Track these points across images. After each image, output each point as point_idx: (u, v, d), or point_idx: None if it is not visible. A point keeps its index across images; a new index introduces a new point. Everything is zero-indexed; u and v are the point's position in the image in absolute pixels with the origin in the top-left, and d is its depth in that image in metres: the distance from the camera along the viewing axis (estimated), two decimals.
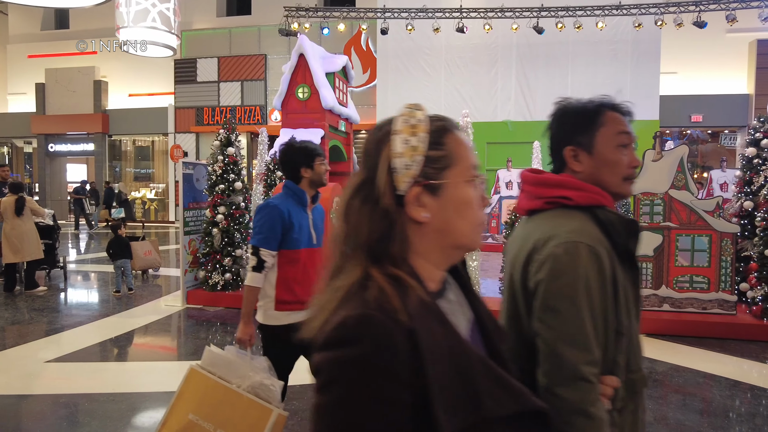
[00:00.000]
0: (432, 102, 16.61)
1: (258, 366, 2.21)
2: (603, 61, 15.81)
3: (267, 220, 2.45)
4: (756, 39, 16.62)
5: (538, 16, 14.87)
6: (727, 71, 17.31)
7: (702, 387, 4.15)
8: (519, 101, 16.26)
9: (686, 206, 5.38)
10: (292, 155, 2.56)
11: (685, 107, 16.98)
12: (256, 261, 2.44)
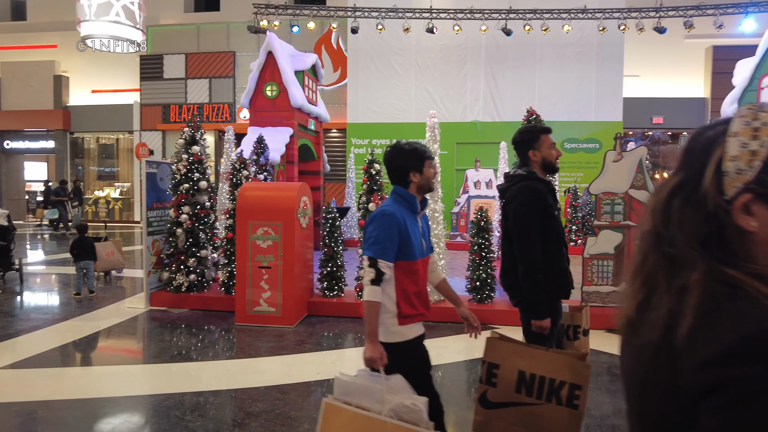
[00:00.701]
0: (402, 102, 16.69)
1: (395, 386, 2.06)
2: (569, 63, 16.16)
3: (385, 228, 2.27)
4: (712, 45, 17.28)
5: (506, 18, 15.10)
6: (685, 75, 17.95)
7: None
8: (487, 102, 16.48)
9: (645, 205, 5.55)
10: (402, 158, 2.39)
11: (647, 109, 17.53)
12: (375, 273, 2.22)
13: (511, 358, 2.39)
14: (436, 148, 6.12)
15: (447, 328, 5.68)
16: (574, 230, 12.25)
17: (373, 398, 2.03)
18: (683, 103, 17.54)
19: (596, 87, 16.04)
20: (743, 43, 15.33)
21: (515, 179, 2.78)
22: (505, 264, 2.82)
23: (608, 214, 5.66)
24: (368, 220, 2.35)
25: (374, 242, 2.26)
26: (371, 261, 2.23)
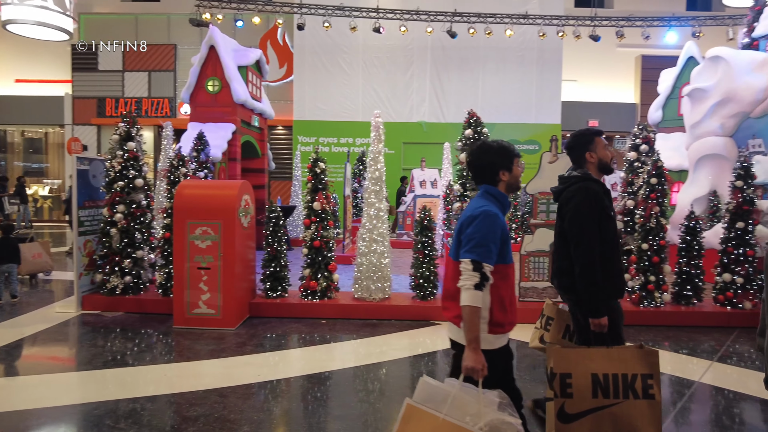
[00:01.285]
0: (350, 100, 16.67)
1: (490, 401, 1.98)
2: (511, 67, 16.71)
3: (489, 230, 2.16)
4: (641, 54, 18.40)
5: (451, 20, 15.41)
6: (618, 81, 19.01)
7: None
8: (433, 103, 16.75)
9: None
10: (491, 156, 2.33)
11: (583, 112, 18.42)
12: (480, 277, 2.10)
13: (582, 364, 2.36)
14: (381, 148, 6.17)
15: (390, 325, 5.76)
16: (514, 228, 12.69)
17: (465, 410, 1.96)
18: (616, 108, 18.57)
19: (536, 90, 16.67)
20: (668, 53, 16.41)
21: (571, 181, 2.82)
22: (561, 265, 2.82)
23: (544, 213, 5.92)
24: (467, 220, 2.23)
25: (477, 244, 2.14)
26: (475, 264, 2.12)
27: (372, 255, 5.98)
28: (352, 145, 16.31)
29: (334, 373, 4.44)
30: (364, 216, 6.10)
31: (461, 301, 2.14)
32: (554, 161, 5.81)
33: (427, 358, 4.79)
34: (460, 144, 6.06)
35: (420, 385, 2.06)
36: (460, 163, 6.07)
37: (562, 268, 2.81)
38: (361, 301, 6.05)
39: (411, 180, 13.01)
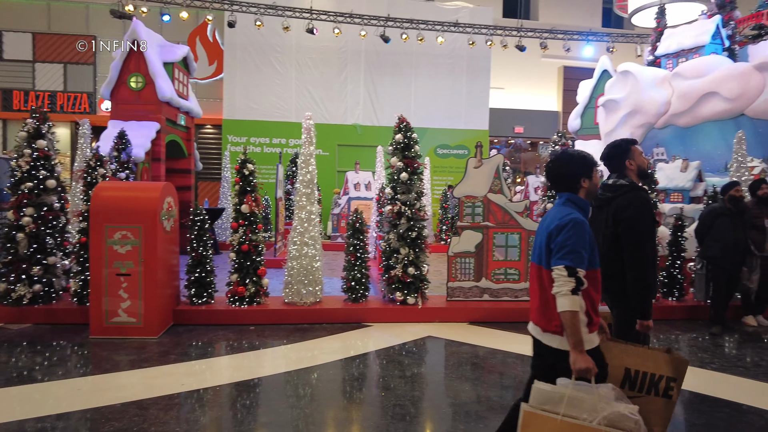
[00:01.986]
0: (283, 101, 16.43)
1: (605, 395, 2.03)
2: (442, 73, 17.17)
3: (580, 237, 2.25)
4: (563, 65, 19.56)
5: (384, 25, 15.59)
6: (542, 90, 20.07)
7: (511, 366, 4.77)
8: (367, 106, 16.87)
9: (501, 208, 6.14)
10: (574, 166, 2.43)
11: (510, 119, 19.28)
12: (576, 282, 2.18)
13: (619, 357, 2.52)
14: (312, 150, 6.15)
15: (321, 329, 5.74)
16: (444, 230, 13.04)
17: (582, 408, 2.01)
18: (540, 115, 19.60)
19: (466, 97, 17.25)
20: (586, 66, 17.56)
21: (623, 189, 2.94)
22: (611, 270, 2.87)
23: (470, 215, 6.15)
24: (555, 228, 2.30)
25: (570, 251, 2.22)
26: (570, 270, 2.19)
27: (303, 258, 5.94)
28: (285, 146, 16.08)
29: (264, 379, 4.36)
30: (295, 219, 6.04)
31: (559, 307, 2.21)
32: (479, 166, 6.05)
33: (359, 361, 4.82)
34: (391, 148, 6.16)
35: (534, 391, 2.12)
36: (392, 167, 6.17)
37: (611, 272, 2.90)
38: (291, 306, 5.99)
39: (345, 182, 13.03)
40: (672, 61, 10.25)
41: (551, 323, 2.34)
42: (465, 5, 17.19)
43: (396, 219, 6.04)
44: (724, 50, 9.75)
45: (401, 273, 5.93)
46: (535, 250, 2.49)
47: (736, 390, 4.20)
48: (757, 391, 4.17)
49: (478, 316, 6.08)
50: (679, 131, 9.36)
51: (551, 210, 2.49)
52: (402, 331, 5.70)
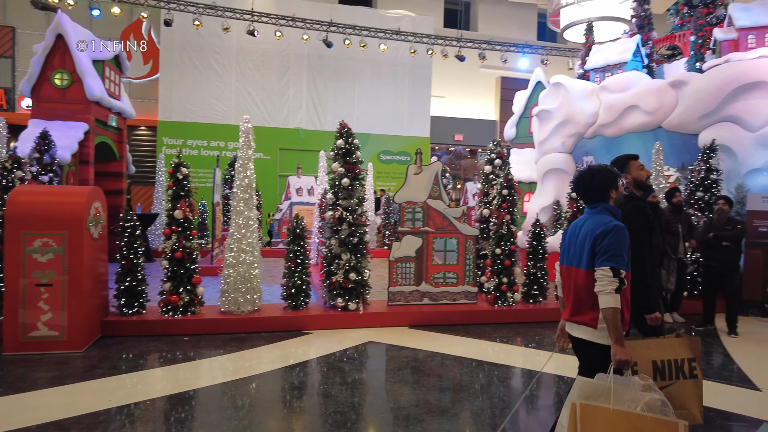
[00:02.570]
0: (222, 103, 16.01)
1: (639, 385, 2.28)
2: (385, 80, 17.36)
3: (623, 242, 2.50)
4: (500, 76, 20.30)
5: (327, 30, 15.58)
6: (481, 100, 20.74)
7: (449, 368, 4.87)
8: (310, 110, 16.77)
9: (440, 213, 6.28)
10: (603, 179, 2.69)
11: (450, 127, 19.78)
12: (619, 282, 2.42)
13: (644, 353, 2.67)
14: (251, 154, 6.02)
15: (260, 338, 5.62)
16: (387, 235, 13.15)
17: (624, 397, 2.26)
18: (479, 124, 20.23)
19: (408, 104, 17.53)
20: (522, 77, 18.33)
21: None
22: None
23: (410, 221, 6.25)
24: (601, 234, 2.52)
25: (614, 254, 2.47)
26: (614, 271, 2.43)
27: (240, 266, 5.79)
28: (224, 149, 15.65)
29: (200, 391, 4.21)
30: (232, 225, 5.89)
31: (602, 304, 2.44)
32: (419, 173, 6.16)
33: (299, 369, 4.76)
34: (332, 153, 6.15)
35: (580, 385, 2.35)
36: (333, 172, 6.16)
37: None
38: (228, 315, 5.82)
39: (287, 187, 12.85)
40: (599, 75, 10.91)
41: (586, 317, 2.60)
42: (407, 14, 17.50)
43: (337, 225, 6.03)
44: (644, 67, 10.50)
45: (342, 279, 5.92)
46: (566, 252, 2.76)
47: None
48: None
49: (419, 319, 6.17)
50: (606, 141, 9.97)
51: (588, 218, 2.71)
52: (343, 337, 5.68)
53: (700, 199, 7.60)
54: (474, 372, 4.75)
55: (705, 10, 9.94)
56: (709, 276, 6.41)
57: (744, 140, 7.72)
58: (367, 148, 16.62)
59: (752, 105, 7.76)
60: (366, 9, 17.87)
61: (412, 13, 17.59)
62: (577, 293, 2.63)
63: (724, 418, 3.82)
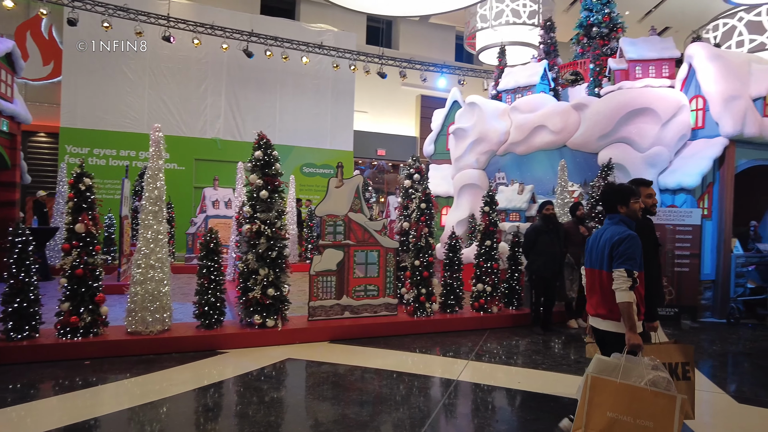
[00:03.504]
0: (134, 110, 15.14)
1: (648, 364, 2.75)
2: (308, 93, 17.31)
3: (636, 247, 3.05)
4: (421, 94, 20.97)
5: (248, 40, 15.28)
6: (402, 116, 21.27)
7: (369, 381, 4.88)
8: (229, 120, 16.29)
9: (361, 226, 6.33)
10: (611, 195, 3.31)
11: (373, 142, 20.06)
12: (632, 281, 2.95)
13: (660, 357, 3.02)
14: (161, 164, 5.73)
15: (170, 359, 5.31)
16: (310, 248, 13.00)
17: (632, 374, 2.76)
18: (401, 140, 20.70)
19: (331, 118, 17.57)
20: (440, 95, 19.05)
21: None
22: None
23: (331, 234, 6.23)
24: (617, 242, 3.08)
25: (628, 258, 3.01)
26: (629, 272, 2.98)
27: (149, 283, 5.45)
28: (134, 159, 14.76)
29: (103, 419, 3.88)
30: (140, 240, 5.54)
31: (619, 299, 2.98)
32: (340, 186, 6.18)
33: (213, 390, 4.54)
34: (250, 165, 6.01)
35: (596, 361, 2.88)
36: (251, 184, 6.01)
37: None
38: (135, 336, 5.44)
39: (203, 199, 12.34)
40: (511, 96, 11.60)
41: (609, 311, 3.16)
42: (330, 29, 17.62)
43: (255, 238, 5.87)
44: (550, 90, 11.33)
45: (260, 295, 5.76)
46: (588, 257, 3.37)
47: (559, 385, 4.80)
48: (574, 385, 4.81)
49: (340, 333, 6.14)
50: (516, 158, 10.58)
51: (607, 228, 3.28)
52: (260, 355, 5.51)
53: (600, 212, 8.27)
54: (394, 384, 4.79)
55: (601, 41, 10.94)
56: None
57: (635, 159, 8.53)
58: (289, 160, 16.40)
59: (641, 128, 8.61)
60: (288, 21, 17.77)
61: (335, 28, 17.73)
62: (602, 291, 3.20)
63: None
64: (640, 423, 2.69)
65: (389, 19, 21.52)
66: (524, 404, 4.39)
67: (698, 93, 8.57)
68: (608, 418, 2.74)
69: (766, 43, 12.72)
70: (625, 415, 2.71)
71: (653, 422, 2.68)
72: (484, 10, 15.00)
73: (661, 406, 2.68)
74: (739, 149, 8.27)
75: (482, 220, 7.28)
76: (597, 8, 11.18)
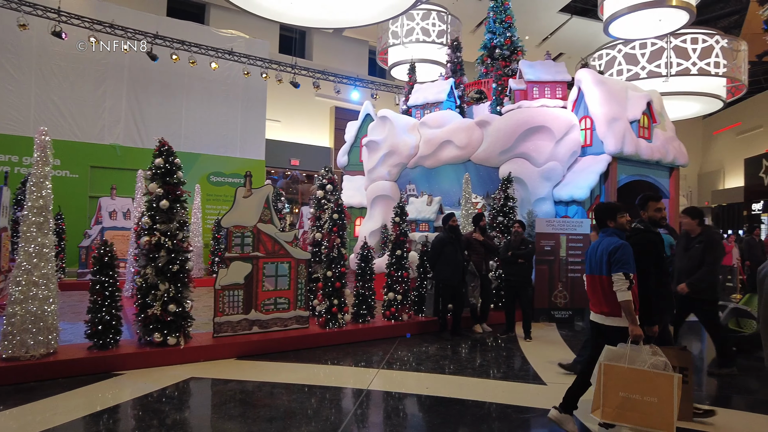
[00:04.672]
0: (18, 112, 13.73)
1: (648, 351, 3.39)
2: (217, 99, 16.70)
3: (630, 254, 3.62)
4: (335, 106, 21.06)
5: (152, 42, 14.48)
6: (317, 126, 21.21)
7: (278, 397, 4.76)
8: (130, 125, 15.28)
9: (271, 238, 6.20)
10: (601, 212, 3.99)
11: (287, 152, 19.78)
12: (629, 283, 3.51)
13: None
14: (48, 171, 5.22)
15: (56, 385, 4.82)
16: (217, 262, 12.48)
17: (636, 360, 3.39)
18: (315, 150, 20.61)
19: (242, 126, 17.08)
20: (354, 108, 19.27)
21: (635, 231, 4.07)
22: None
23: (239, 246, 6.03)
24: (612, 250, 3.65)
25: (624, 263, 3.59)
26: (626, 275, 3.55)
27: (31, 302, 4.91)
28: (17, 165, 13.33)
29: None
30: (21, 254, 4.98)
31: (620, 298, 3.55)
32: (248, 196, 6.03)
33: (107, 415, 4.18)
34: (150, 173, 5.67)
35: (606, 352, 3.50)
36: (150, 193, 5.67)
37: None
38: (12, 362, 4.86)
39: (98, 210, 11.41)
40: (420, 111, 12.02)
41: (610, 309, 3.68)
42: (241, 35, 17.19)
43: (154, 251, 5.52)
44: (456, 107, 11.90)
45: (160, 311, 5.42)
46: (588, 266, 3.91)
47: (465, 389, 5.00)
48: (478, 387, 5.05)
49: (248, 349, 5.93)
50: (425, 171, 10.96)
51: (602, 240, 3.83)
52: (161, 375, 5.18)
53: (500, 223, 8.79)
54: (304, 397, 4.72)
55: (503, 63, 11.70)
56: (510, 289, 7.42)
57: (532, 174, 9.19)
58: (195, 168, 15.67)
59: (537, 145, 9.31)
60: (197, 25, 17.09)
61: (246, 35, 17.33)
62: (603, 292, 3.72)
63: (519, 412, 4.40)
64: (647, 399, 3.31)
65: (303, 30, 21.45)
66: (432, 409, 4.51)
67: (586, 114, 9.45)
68: (621, 397, 3.35)
69: (639, 73, 14.37)
70: (634, 394, 3.32)
71: (657, 397, 3.29)
72: (396, 27, 15.45)
73: (662, 384, 3.29)
74: (620, 165, 9.21)
75: (393, 230, 7.44)
76: (500, 31, 11.95)
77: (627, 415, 3.36)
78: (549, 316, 8.51)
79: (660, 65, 14.39)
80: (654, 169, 9.94)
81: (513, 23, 12.07)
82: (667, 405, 3.27)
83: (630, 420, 3.37)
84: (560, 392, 4.04)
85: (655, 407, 3.31)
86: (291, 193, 20.81)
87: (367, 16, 8.89)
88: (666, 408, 3.28)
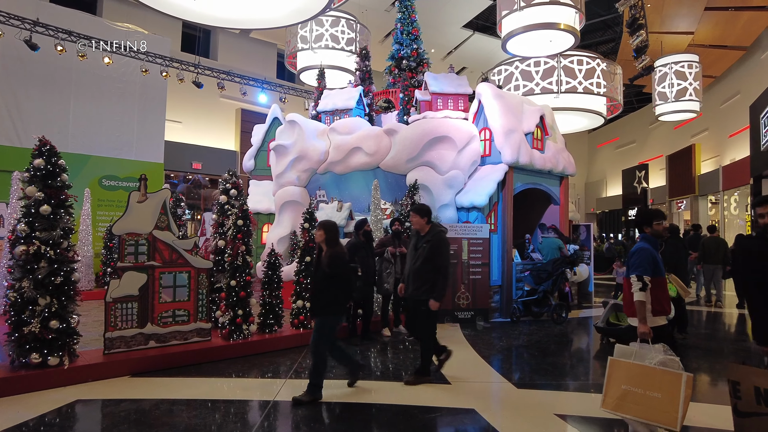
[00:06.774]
0: None
1: (658, 349, 3.64)
2: (110, 97, 15.44)
3: (644, 258, 4.01)
4: (241, 108, 20.39)
5: (32, 30, 13.07)
6: (221, 129, 20.37)
7: (177, 414, 4.47)
8: (5, 122, 13.65)
9: (168, 246, 5.83)
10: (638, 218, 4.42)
11: (188, 154, 18.77)
12: (642, 284, 3.91)
13: (746, 378, 3.16)
14: None
15: None
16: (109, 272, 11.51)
17: (644, 357, 3.58)
18: (219, 153, 19.78)
19: (138, 126, 15.93)
20: (261, 111, 18.79)
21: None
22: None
23: (132, 255, 5.61)
24: (631, 253, 4.09)
25: (638, 266, 3.95)
26: (639, 277, 3.90)
27: None
28: None
29: None
30: None
31: (635, 298, 3.89)
32: (143, 201, 5.64)
33: None
34: (27, 175, 5.10)
35: (617, 350, 3.69)
36: (28, 197, 5.10)
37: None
38: None
39: None
40: (330, 117, 12.00)
41: (630, 311, 4.04)
42: (139, 30, 16.07)
43: (33, 262, 4.97)
44: (365, 115, 12.04)
45: (39, 329, 4.88)
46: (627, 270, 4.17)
47: (372, 393, 5.04)
48: (385, 390, 5.12)
49: (143, 366, 5.52)
50: (335, 177, 10.95)
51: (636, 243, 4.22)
52: (40, 400, 4.66)
53: (408, 227, 9.01)
54: (207, 413, 4.48)
55: (410, 74, 12.04)
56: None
57: (437, 181, 9.55)
58: (85, 171, 14.33)
59: (441, 154, 9.70)
60: (88, 15, 15.70)
61: (145, 31, 16.22)
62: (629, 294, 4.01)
63: (424, 413, 4.53)
64: (650, 394, 3.45)
65: (207, 29, 20.54)
66: (340, 416, 4.50)
67: (486, 125, 10.01)
68: (622, 390, 3.54)
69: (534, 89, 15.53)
70: (636, 387, 3.49)
71: (661, 393, 3.41)
72: (305, 31, 15.31)
73: (669, 381, 3.40)
74: (516, 174, 9.86)
75: (302, 237, 7.34)
76: (407, 43, 12.29)
77: (627, 407, 3.49)
78: (453, 317, 8.86)
79: (552, 82, 15.65)
80: (546, 177, 10.76)
81: (419, 36, 12.48)
82: (673, 402, 3.34)
83: (630, 411, 3.49)
84: (464, 391, 4.22)
85: (658, 402, 3.39)
86: (192, 198, 19.77)
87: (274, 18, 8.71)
88: (671, 404, 3.34)
